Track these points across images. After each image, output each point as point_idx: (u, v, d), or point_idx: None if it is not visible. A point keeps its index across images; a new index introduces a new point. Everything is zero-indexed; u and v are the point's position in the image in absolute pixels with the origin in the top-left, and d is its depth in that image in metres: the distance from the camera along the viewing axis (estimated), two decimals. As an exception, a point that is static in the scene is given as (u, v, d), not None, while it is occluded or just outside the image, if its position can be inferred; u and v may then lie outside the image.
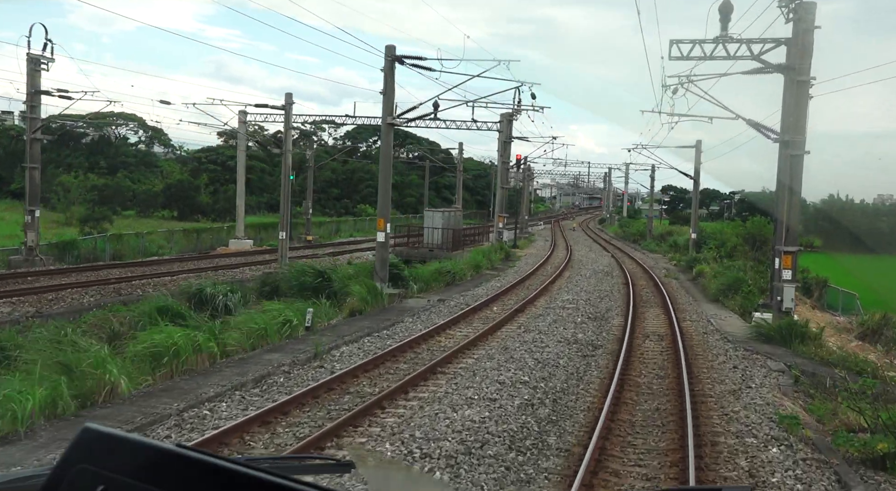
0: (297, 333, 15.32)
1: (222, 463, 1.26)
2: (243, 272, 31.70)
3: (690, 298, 28.02)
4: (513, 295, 25.60)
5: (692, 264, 39.29)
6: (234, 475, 1.23)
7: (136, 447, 1.29)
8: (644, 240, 65.40)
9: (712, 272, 33.98)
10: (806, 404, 13.06)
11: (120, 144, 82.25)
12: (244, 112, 45.93)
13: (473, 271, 32.63)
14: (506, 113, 44.18)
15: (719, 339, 18.99)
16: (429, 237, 41.14)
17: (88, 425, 1.33)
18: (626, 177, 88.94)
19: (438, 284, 27.62)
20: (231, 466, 1.25)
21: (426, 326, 18.07)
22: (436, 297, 23.56)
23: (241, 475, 1.23)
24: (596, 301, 24.74)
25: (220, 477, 1.24)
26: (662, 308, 24.66)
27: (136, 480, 1.25)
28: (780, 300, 19.83)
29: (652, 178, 65.61)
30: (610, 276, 35.00)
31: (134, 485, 1.25)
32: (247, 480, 1.23)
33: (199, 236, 45.33)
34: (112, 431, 1.31)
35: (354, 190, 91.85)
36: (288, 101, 29.50)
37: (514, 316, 20.60)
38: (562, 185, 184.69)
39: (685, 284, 33.66)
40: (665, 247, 53.76)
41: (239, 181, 47.53)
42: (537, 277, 31.97)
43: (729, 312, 24.63)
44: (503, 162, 44.39)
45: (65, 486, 1.27)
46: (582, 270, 35.77)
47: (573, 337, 17.57)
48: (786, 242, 19.99)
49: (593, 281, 31.21)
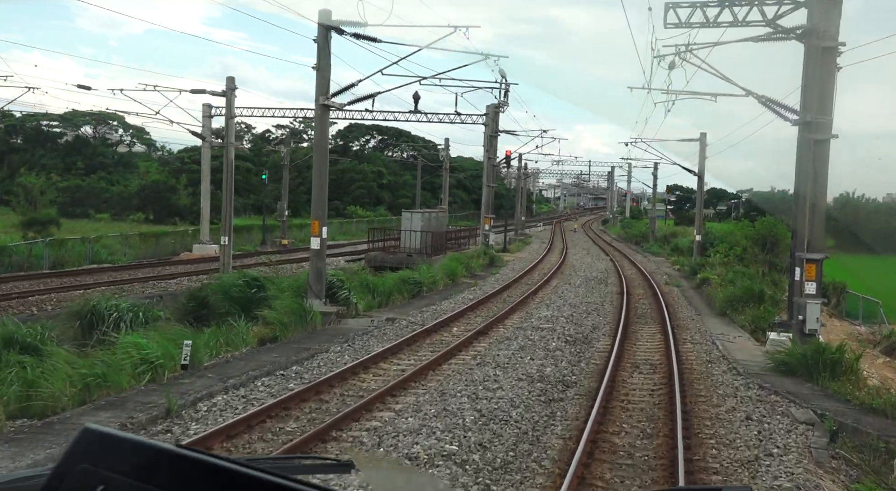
0: (163, 376, 11.52)
1: (222, 463, 1.26)
2: (180, 283, 27.93)
3: (693, 311, 24.16)
4: (483, 310, 21.79)
5: (696, 270, 35.41)
6: (233, 475, 1.24)
7: (136, 447, 1.30)
8: (647, 242, 61.50)
9: (719, 279, 30.12)
10: (850, 483, 9.24)
11: (98, 145, 78.62)
12: (209, 106, 42.19)
13: (448, 280, 28.84)
14: (492, 105, 40.44)
15: (727, 369, 15.14)
16: (406, 241, 37.35)
17: (88, 426, 1.33)
18: (628, 174, 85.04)
19: (401, 297, 23.86)
20: (231, 466, 1.26)
21: (355, 358, 14.28)
22: (387, 314, 19.77)
23: (240, 475, 1.24)
24: (581, 317, 20.89)
25: (220, 477, 1.24)
26: (660, 325, 20.83)
27: (136, 480, 1.25)
28: (803, 320, 15.98)
29: (654, 176, 61.68)
30: (604, 283, 31.14)
31: (134, 485, 1.25)
32: (247, 480, 1.23)
33: (159, 241, 41.57)
34: (112, 431, 1.32)
35: (345, 191, 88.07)
36: (229, 86, 25.80)
37: (474, 340, 16.79)
38: (567, 186, 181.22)
39: (688, 293, 29.79)
40: (668, 250, 49.84)
41: (203, 180, 43.80)
42: (519, 287, 28.14)
43: (738, 330, 20.77)
44: (489, 158, 40.60)
45: (65, 486, 1.27)
46: (573, 278, 31.92)
47: (539, 372, 13.73)
48: (809, 248, 16.14)
49: (583, 291, 27.35)
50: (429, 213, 39.32)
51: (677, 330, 20.12)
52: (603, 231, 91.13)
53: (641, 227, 68.50)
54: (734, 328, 21.02)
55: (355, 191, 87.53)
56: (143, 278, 29.45)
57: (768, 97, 16.55)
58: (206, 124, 42.55)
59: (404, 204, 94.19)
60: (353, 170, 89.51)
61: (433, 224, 39.43)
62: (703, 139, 38.85)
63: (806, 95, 16.10)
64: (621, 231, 77.63)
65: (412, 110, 41.96)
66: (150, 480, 1.25)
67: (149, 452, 1.29)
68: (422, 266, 30.62)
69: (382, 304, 22.57)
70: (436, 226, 39.79)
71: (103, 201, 65.72)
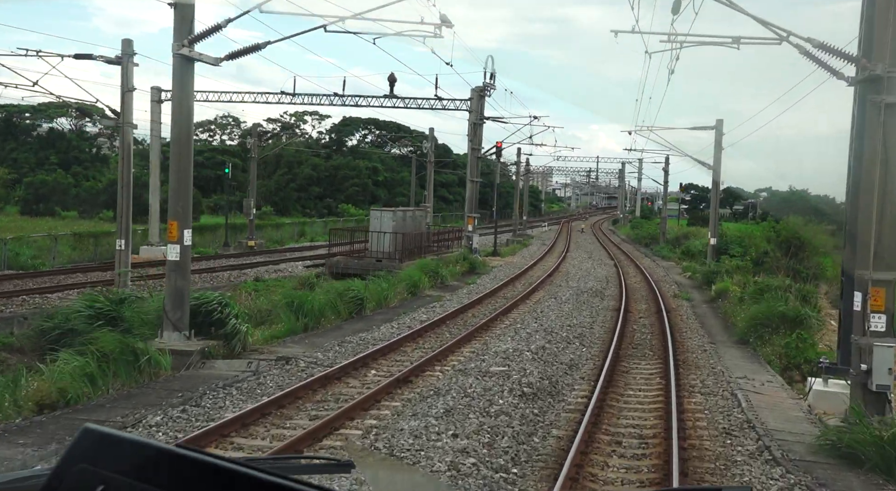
0: None
1: (222, 463, 1.26)
2: (66, 297, 23.00)
3: (705, 337, 18.96)
4: (428, 340, 16.67)
5: (710, 278, 30.16)
6: (233, 475, 1.23)
7: (136, 447, 1.30)
8: (657, 244, 56.14)
9: (738, 292, 24.89)
10: None
11: (73, 138, 73.94)
12: (158, 89, 37.31)
13: (408, 293, 23.78)
14: (476, 88, 35.34)
15: (756, 451, 9.93)
16: (376, 244, 32.30)
17: (88, 426, 1.33)
18: (638, 171, 79.52)
19: (335, 319, 18.83)
20: (231, 466, 1.25)
21: (177, 435, 9.21)
22: (286, 350, 14.69)
23: (240, 475, 1.23)
24: (556, 350, 15.72)
25: (220, 477, 1.24)
26: (660, 361, 15.68)
27: (136, 481, 1.25)
28: (867, 371, 10.77)
29: (665, 171, 56.22)
30: (599, 296, 25.96)
31: (134, 485, 1.25)
32: (247, 480, 1.22)
33: (98, 242, 36.63)
34: (112, 431, 1.32)
35: (338, 188, 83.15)
36: (125, 51, 20.76)
37: (387, 395, 11.68)
38: (580, 184, 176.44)
39: (700, 310, 24.57)
40: (678, 253, 44.51)
41: (152, 173, 38.98)
42: (492, 303, 23.02)
43: (766, 368, 15.56)
44: (473, 149, 35.45)
45: (65, 486, 1.26)
46: (563, 290, 26.73)
47: (453, 466, 8.56)
48: (876, 263, 10.93)
49: (569, 308, 22.17)
50: (403, 212, 34.24)
51: (684, 369, 14.95)
52: (612, 231, 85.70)
53: (652, 227, 63.14)
54: (760, 365, 15.80)
55: (349, 188, 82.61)
56: (55, 288, 24.69)
57: (814, 40, 11.28)
58: (153, 109, 37.65)
59: (401, 202, 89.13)
60: (347, 166, 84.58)
61: (409, 224, 34.38)
62: (720, 127, 33.54)
63: (869, 39, 10.90)
64: (630, 232, 72.27)
65: (386, 95, 36.95)
66: (149, 481, 1.24)
67: (149, 452, 1.29)
68: (391, 274, 25.59)
69: (309, 327, 17.56)
70: (412, 226, 34.74)
71: (72, 198, 61.08)
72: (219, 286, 25.88)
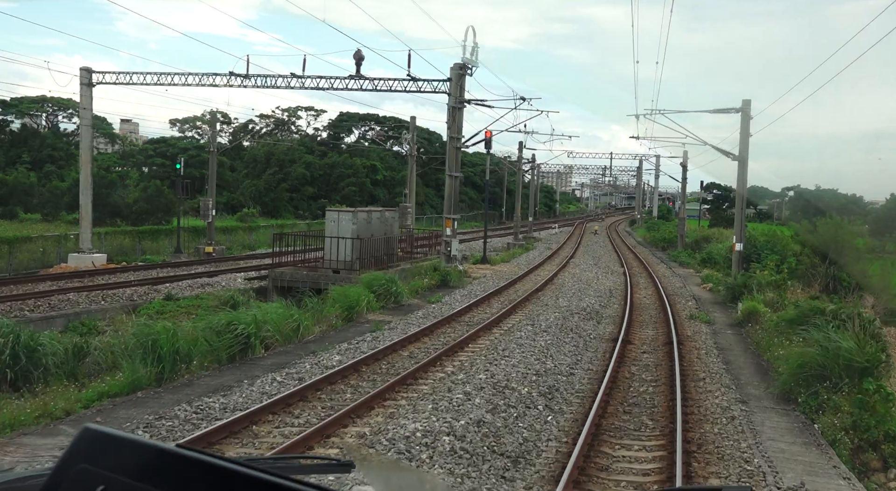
0: None
1: (222, 463, 1.25)
2: None
3: (732, 390, 13.27)
4: (306, 410, 11.08)
5: (736, 293, 24.43)
6: (233, 475, 1.22)
7: (136, 447, 1.29)
8: (674, 247, 50.28)
9: (772, 316, 19.22)
10: None
11: (48, 135, 69.08)
12: (87, 69, 32.08)
13: (343, 319, 18.31)
14: (456, 66, 29.81)
15: None
16: (333, 252, 26.85)
17: (88, 426, 1.32)
18: (655, 167, 73.48)
19: (210, 362, 13.39)
20: (231, 466, 1.24)
21: None
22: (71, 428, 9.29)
23: (240, 475, 1.22)
24: (500, 427, 10.10)
25: (220, 477, 1.23)
26: (662, 442, 10.09)
27: (136, 480, 1.24)
28: None
29: (683, 166, 50.25)
30: (595, 320, 20.39)
31: (134, 485, 1.24)
32: (246, 480, 1.21)
33: (13, 249, 31.37)
34: (112, 431, 1.31)
35: (333, 188, 77.81)
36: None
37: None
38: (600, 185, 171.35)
39: (724, 338, 18.90)
40: (699, 259, 38.65)
41: (83, 169, 33.70)
42: (446, 333, 17.43)
43: (831, 461, 9.87)
44: (452, 137, 29.85)
45: (65, 486, 1.27)
46: (548, 311, 21.10)
47: None
48: None
49: (547, 340, 16.50)
50: (367, 213, 28.72)
51: (699, 462, 9.35)
52: (628, 234, 79.69)
53: (669, 229, 57.21)
54: (820, 453, 10.10)
55: (345, 188, 77.23)
56: None
57: None
58: (84, 93, 32.41)
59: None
60: (343, 165, 79.22)
61: (375, 228, 28.90)
62: (747, 109, 27.70)
63: None
64: (646, 234, 66.34)
65: (352, 75, 31.53)
66: (150, 480, 1.23)
67: (149, 452, 1.28)
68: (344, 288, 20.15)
69: (164, 377, 12.16)
70: (380, 230, 29.26)
71: (35, 200, 56.18)
72: (108, 309, 20.54)
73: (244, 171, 76.09)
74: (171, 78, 31.89)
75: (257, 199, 72.02)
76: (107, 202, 54.53)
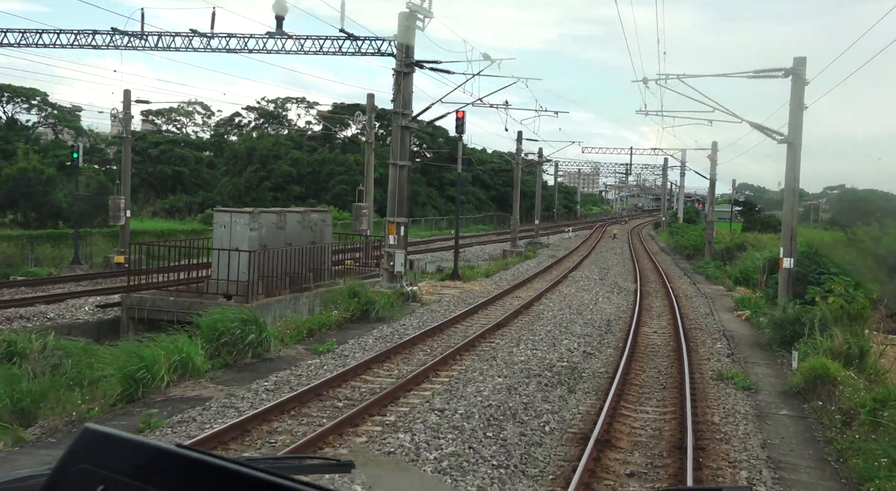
0: None
1: (222, 463, 1.24)
2: None
3: None
4: None
5: (788, 334, 16.48)
6: (233, 475, 1.21)
7: (136, 447, 1.28)
8: (701, 256, 42.04)
9: (861, 390, 11.31)
10: None
11: (3, 127, 62.25)
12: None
13: (119, 398, 10.66)
14: (403, 13, 22.11)
15: None
16: (223, 269, 19.28)
17: (88, 426, 1.31)
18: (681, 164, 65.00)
19: None
20: (231, 466, 1.23)
21: None
22: None
23: (240, 475, 1.21)
24: None
25: (220, 477, 1.22)
26: None
27: (136, 480, 1.23)
28: None
29: (713, 160, 42.00)
30: (566, 387, 12.60)
31: (134, 485, 1.23)
32: (246, 480, 1.20)
33: None
34: (112, 431, 1.30)
35: (323, 187, 70.38)
36: None
37: None
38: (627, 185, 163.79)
39: (777, 432, 10.95)
40: (732, 277, 30.46)
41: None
42: (271, 437, 9.80)
43: None
44: (397, 112, 22.15)
45: (65, 486, 1.25)
46: (490, 372, 13.27)
47: None
48: None
49: (444, 460, 8.78)
50: (277, 215, 21.10)
51: None
52: (652, 238, 71.26)
53: (695, 234, 48.86)
54: None
55: (335, 187, 69.80)
56: None
57: None
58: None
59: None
60: (334, 161, 71.81)
61: (292, 235, 21.38)
62: (801, 71, 19.55)
63: None
64: (669, 239, 58.03)
65: (271, 33, 23.95)
66: (150, 480, 1.22)
67: (149, 452, 1.27)
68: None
69: None
70: (300, 238, 21.70)
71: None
72: None
73: (223, 167, 68.94)
74: (38, 37, 24.45)
75: (237, 199, 64.60)
76: (43, 202, 47.57)
